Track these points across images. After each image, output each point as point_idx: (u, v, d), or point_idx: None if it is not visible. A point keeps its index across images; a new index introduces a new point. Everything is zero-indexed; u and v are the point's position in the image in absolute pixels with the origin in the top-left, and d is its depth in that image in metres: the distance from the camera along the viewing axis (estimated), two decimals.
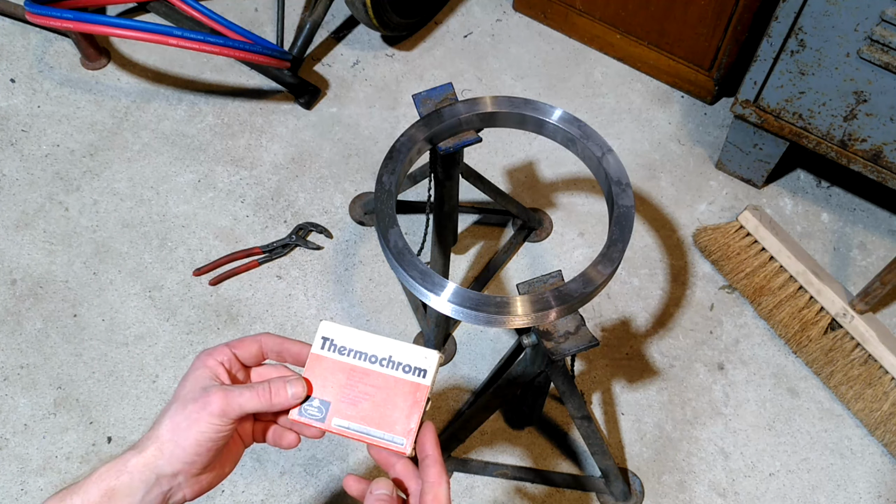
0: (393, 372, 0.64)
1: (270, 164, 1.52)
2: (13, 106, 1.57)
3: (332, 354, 0.65)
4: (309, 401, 0.64)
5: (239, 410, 0.60)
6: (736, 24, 1.45)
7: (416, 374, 0.64)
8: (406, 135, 0.97)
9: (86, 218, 1.44)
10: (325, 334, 0.66)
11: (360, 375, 0.65)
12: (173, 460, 0.58)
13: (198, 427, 0.58)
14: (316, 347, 0.66)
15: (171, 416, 0.59)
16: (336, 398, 0.64)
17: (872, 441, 1.28)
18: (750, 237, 1.36)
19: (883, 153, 1.26)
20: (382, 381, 0.64)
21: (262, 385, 0.62)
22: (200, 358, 0.63)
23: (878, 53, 1.13)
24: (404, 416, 0.63)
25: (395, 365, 0.65)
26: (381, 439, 0.63)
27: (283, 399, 0.62)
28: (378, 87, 1.65)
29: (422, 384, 0.64)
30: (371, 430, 0.63)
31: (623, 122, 1.62)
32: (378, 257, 1.43)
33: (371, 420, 0.63)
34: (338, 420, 0.64)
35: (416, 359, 0.65)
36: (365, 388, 0.64)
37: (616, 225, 0.89)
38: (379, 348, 0.65)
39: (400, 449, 0.63)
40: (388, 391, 0.64)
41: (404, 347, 0.65)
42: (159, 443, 0.58)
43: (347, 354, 0.65)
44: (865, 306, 1.25)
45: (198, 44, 1.34)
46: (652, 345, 1.36)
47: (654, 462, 1.26)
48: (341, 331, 0.66)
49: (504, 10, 1.78)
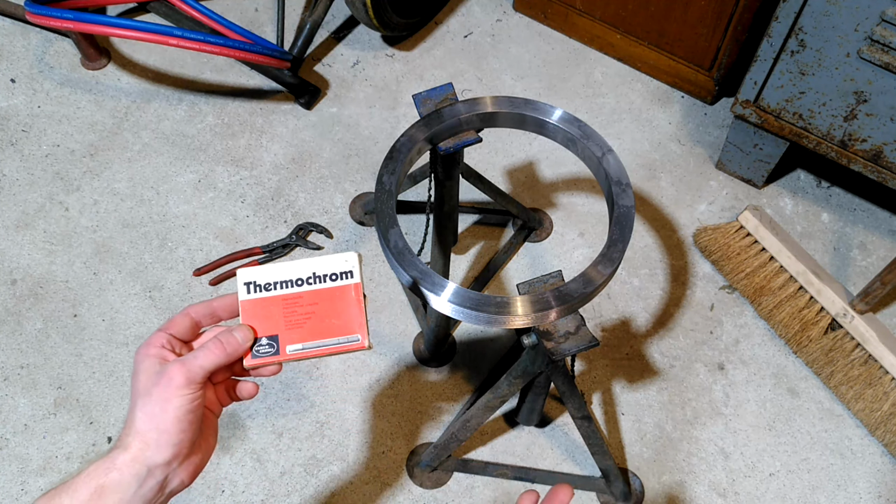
0: (322, 285, 0.68)
1: (271, 164, 1.52)
2: (13, 106, 1.57)
3: (260, 294, 0.68)
4: (257, 342, 0.66)
5: (201, 372, 0.61)
6: (736, 25, 1.45)
7: (344, 278, 0.68)
8: (406, 135, 0.97)
9: (86, 218, 1.44)
10: (246, 279, 0.68)
11: (294, 301, 0.67)
12: (161, 447, 0.59)
13: (171, 405, 0.59)
14: (242, 295, 0.68)
15: (142, 409, 0.60)
16: (281, 329, 0.67)
17: (873, 441, 1.28)
18: (750, 237, 1.36)
19: (883, 153, 1.26)
20: (316, 297, 0.67)
21: (211, 341, 0.64)
22: (140, 353, 0.63)
23: (879, 53, 1.13)
24: (350, 316, 0.67)
25: (322, 278, 0.68)
26: (338, 344, 0.67)
27: (235, 344, 0.64)
28: (378, 87, 1.65)
29: (353, 283, 0.68)
30: (325, 341, 0.66)
31: (623, 122, 1.62)
32: (378, 257, 1.43)
33: (321, 333, 0.66)
34: (291, 346, 0.66)
35: (338, 265, 0.68)
36: (304, 310, 0.67)
37: (616, 225, 0.89)
38: (300, 271, 0.68)
39: (358, 344, 0.67)
40: (325, 303, 0.67)
41: (322, 261, 0.68)
42: (140, 435, 0.59)
43: (274, 288, 0.68)
44: (866, 306, 1.25)
45: (198, 44, 1.34)
46: (652, 345, 1.36)
47: (655, 462, 1.26)
48: (258, 271, 0.68)
49: (504, 11, 1.78)
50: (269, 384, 1.29)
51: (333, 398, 1.28)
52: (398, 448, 1.25)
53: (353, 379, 1.30)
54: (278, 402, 1.27)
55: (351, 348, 0.66)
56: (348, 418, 1.27)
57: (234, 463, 1.22)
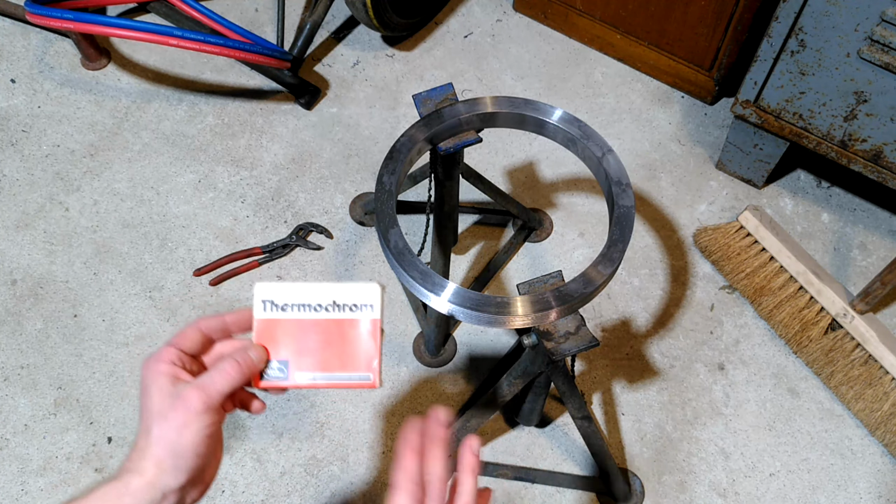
0: (341, 314, 0.65)
1: (271, 164, 1.52)
2: (13, 106, 1.57)
3: (276, 314, 0.65)
4: (268, 365, 0.64)
5: (218, 397, 0.59)
6: (736, 25, 1.45)
7: (364, 310, 0.65)
8: (406, 135, 0.97)
9: (86, 218, 1.44)
10: (264, 296, 0.65)
11: (309, 326, 0.64)
12: (178, 473, 0.58)
13: (189, 431, 0.58)
14: (258, 312, 0.65)
15: (158, 432, 0.58)
16: (293, 354, 0.64)
17: (873, 441, 1.28)
18: (750, 237, 1.36)
19: (883, 153, 1.26)
20: (333, 326, 0.64)
21: (227, 362, 0.61)
22: (150, 368, 0.61)
23: (879, 54, 1.13)
24: (364, 351, 0.64)
25: (341, 307, 0.65)
26: (349, 380, 0.64)
27: (251, 365, 0.62)
28: (378, 88, 1.65)
29: (372, 318, 0.65)
30: (336, 375, 0.64)
31: (623, 123, 1.62)
32: (378, 257, 1.43)
33: (333, 365, 0.64)
34: (300, 375, 0.64)
35: (359, 296, 0.65)
36: (318, 337, 0.64)
37: (616, 225, 0.89)
38: (320, 296, 0.65)
39: (368, 383, 0.64)
40: (341, 334, 0.64)
41: (344, 288, 0.65)
42: (156, 460, 0.57)
43: (291, 309, 0.65)
44: (866, 306, 1.25)
45: (198, 44, 1.34)
46: (652, 345, 1.36)
47: (655, 462, 1.26)
48: (278, 288, 0.65)
49: (504, 11, 1.78)
50: None
51: (333, 398, 1.28)
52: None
53: None
54: (278, 402, 1.27)
55: (360, 386, 0.64)
56: (348, 418, 1.27)
57: (234, 463, 1.22)
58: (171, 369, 0.61)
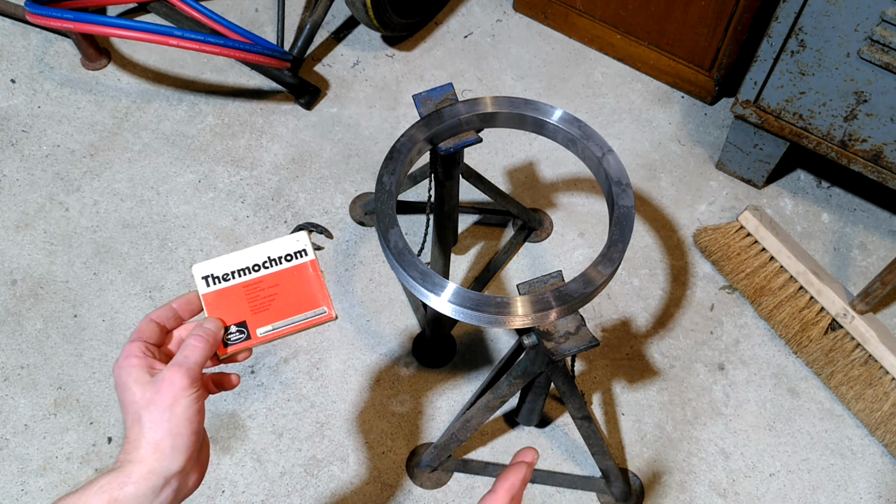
0: (279, 267, 0.71)
1: (271, 164, 1.52)
2: (13, 106, 1.57)
3: (219, 286, 0.69)
4: (227, 332, 0.68)
5: (197, 368, 0.62)
6: (736, 25, 1.45)
7: (299, 257, 0.71)
8: (406, 135, 0.97)
9: (86, 218, 1.44)
10: (203, 273, 0.69)
11: (254, 286, 0.70)
12: (177, 454, 0.59)
13: (179, 408, 0.59)
14: (202, 289, 0.69)
15: (149, 419, 0.59)
16: (248, 314, 0.69)
17: (873, 441, 1.28)
18: (750, 237, 1.36)
19: (883, 153, 1.26)
20: (276, 278, 0.70)
21: (191, 338, 0.64)
22: (121, 366, 0.62)
23: (879, 54, 1.13)
24: (312, 291, 0.70)
25: (278, 261, 0.71)
26: (306, 318, 0.69)
27: (213, 334, 0.65)
28: (378, 88, 1.65)
29: (308, 260, 0.71)
30: (292, 318, 0.69)
31: (623, 123, 1.62)
32: (378, 257, 1.43)
33: (287, 311, 0.69)
34: (261, 329, 0.68)
35: (290, 246, 0.71)
36: (266, 293, 0.69)
37: (616, 225, 0.89)
38: (255, 257, 0.70)
39: (325, 316, 0.70)
40: (285, 283, 0.70)
41: (274, 244, 0.71)
42: (154, 445, 0.58)
43: (232, 277, 0.70)
44: (866, 307, 1.25)
45: (197, 44, 1.34)
46: (652, 345, 1.36)
47: (655, 462, 1.26)
48: (214, 263, 0.70)
49: (504, 11, 1.78)
50: (269, 385, 1.29)
51: (333, 398, 1.28)
52: (398, 448, 1.25)
53: (353, 379, 1.30)
54: (278, 402, 1.28)
55: (319, 321, 0.69)
56: (348, 418, 1.27)
57: (234, 463, 1.22)
58: (143, 361, 0.62)
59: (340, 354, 1.32)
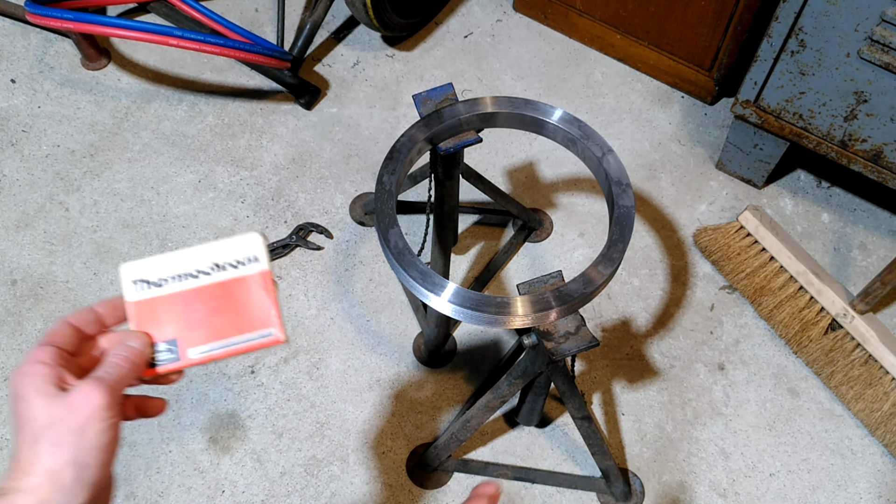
0: (224, 275, 0.59)
1: (271, 164, 1.52)
2: (13, 106, 1.57)
3: (151, 292, 0.58)
4: (155, 349, 0.57)
5: (120, 388, 0.52)
6: (736, 25, 1.45)
7: (249, 264, 0.59)
8: (406, 135, 0.97)
9: (86, 218, 1.44)
10: (133, 277, 0.58)
11: (192, 297, 0.58)
12: (79, 489, 0.48)
13: (92, 431, 0.49)
14: (130, 295, 0.58)
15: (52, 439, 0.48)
16: (181, 331, 0.58)
17: (873, 441, 1.28)
18: (750, 237, 1.36)
19: (883, 153, 1.26)
20: (219, 290, 0.58)
21: (113, 352, 0.54)
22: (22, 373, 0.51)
23: (879, 54, 1.13)
24: (260, 308, 0.58)
25: (223, 267, 0.59)
26: (249, 341, 0.58)
27: (137, 353, 0.55)
28: (378, 88, 1.65)
29: (260, 270, 0.59)
30: (233, 340, 0.58)
31: (623, 123, 1.62)
32: (378, 257, 1.43)
33: (228, 331, 0.58)
34: (194, 350, 0.57)
35: (240, 251, 0.59)
36: (205, 305, 0.58)
37: (616, 225, 0.89)
38: (197, 261, 0.59)
39: (272, 339, 0.58)
40: (229, 295, 0.58)
41: (221, 246, 0.59)
42: (50, 475, 0.47)
43: (168, 283, 0.58)
44: (866, 306, 1.25)
45: (197, 44, 1.34)
46: (652, 345, 1.36)
47: (655, 462, 1.26)
48: (148, 264, 0.58)
49: (504, 11, 1.78)
50: (269, 385, 1.29)
51: (333, 398, 1.28)
52: (398, 448, 1.25)
53: (353, 379, 1.30)
54: (278, 402, 1.28)
55: (265, 344, 0.58)
56: (348, 418, 1.27)
57: (234, 463, 1.22)
58: (52, 370, 0.51)
59: (340, 354, 1.32)
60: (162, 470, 1.21)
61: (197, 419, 1.26)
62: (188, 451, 1.23)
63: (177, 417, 1.26)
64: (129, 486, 1.19)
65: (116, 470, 0.56)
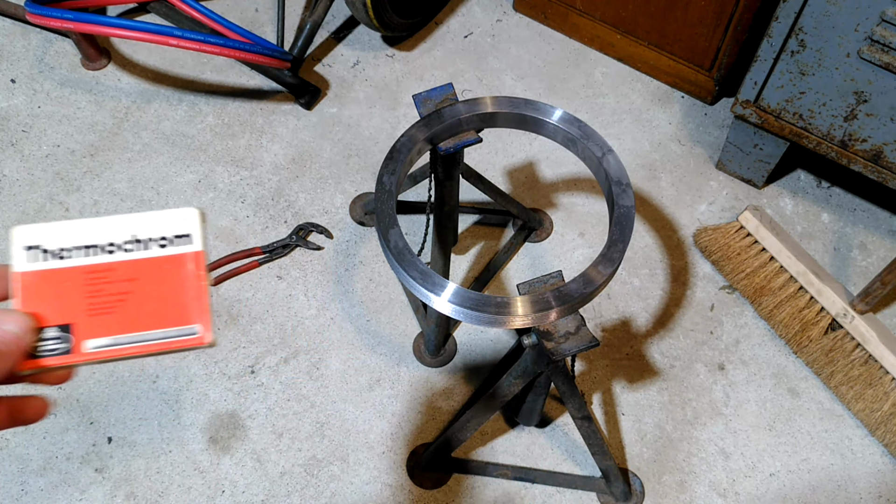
0: (146, 253, 0.48)
1: (271, 164, 1.52)
2: (13, 106, 1.57)
3: (49, 263, 0.47)
4: (41, 335, 0.46)
5: None
6: (736, 25, 1.45)
7: (180, 243, 0.49)
8: (406, 135, 0.97)
9: None
10: (28, 242, 0.47)
11: (102, 274, 0.47)
12: None
13: None
14: (21, 264, 0.46)
15: None
16: (80, 315, 0.46)
17: (873, 441, 1.28)
18: (750, 237, 1.36)
19: (883, 153, 1.26)
20: (136, 269, 0.48)
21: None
22: None
23: (879, 54, 1.13)
24: (185, 298, 0.47)
25: (146, 243, 0.48)
26: (165, 339, 0.47)
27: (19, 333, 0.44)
28: (378, 88, 1.65)
29: (191, 251, 0.49)
30: (145, 335, 0.47)
31: (623, 123, 1.62)
32: (378, 257, 1.43)
33: (140, 323, 0.47)
34: (93, 342, 0.46)
35: (171, 226, 0.49)
36: (116, 287, 0.47)
37: (616, 225, 0.89)
38: (116, 232, 0.48)
39: (195, 339, 0.47)
40: (149, 279, 0.48)
41: (146, 218, 0.49)
42: None
43: (71, 255, 0.47)
44: (866, 306, 1.25)
45: (197, 44, 1.34)
46: (652, 345, 1.36)
47: (655, 462, 1.26)
48: (49, 229, 0.47)
49: (504, 11, 1.78)
50: (269, 385, 1.29)
51: (333, 398, 1.28)
52: (398, 448, 1.25)
53: (353, 379, 1.30)
54: (278, 402, 1.28)
55: (184, 344, 0.47)
56: (348, 418, 1.27)
57: (234, 463, 1.22)
58: None
59: (340, 354, 1.32)
60: (162, 470, 1.21)
61: (197, 419, 1.26)
62: (188, 451, 1.23)
63: (177, 417, 1.26)
64: (129, 486, 1.19)
65: (116, 468, 0.51)
